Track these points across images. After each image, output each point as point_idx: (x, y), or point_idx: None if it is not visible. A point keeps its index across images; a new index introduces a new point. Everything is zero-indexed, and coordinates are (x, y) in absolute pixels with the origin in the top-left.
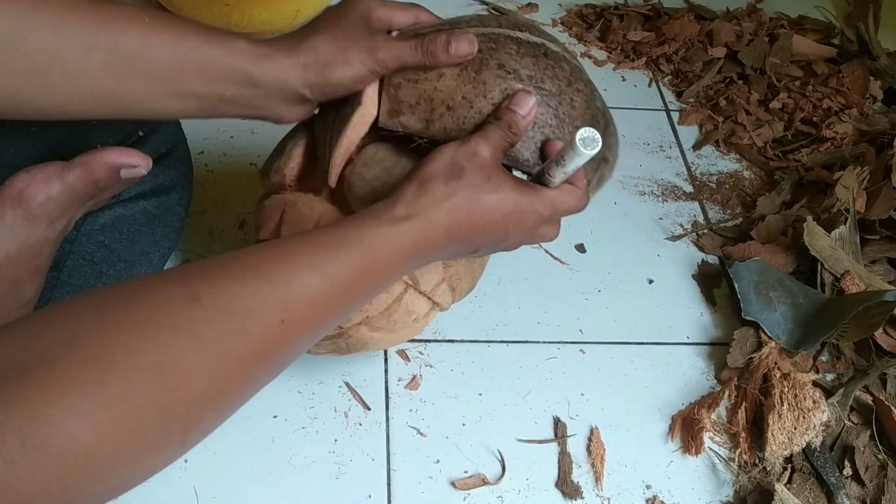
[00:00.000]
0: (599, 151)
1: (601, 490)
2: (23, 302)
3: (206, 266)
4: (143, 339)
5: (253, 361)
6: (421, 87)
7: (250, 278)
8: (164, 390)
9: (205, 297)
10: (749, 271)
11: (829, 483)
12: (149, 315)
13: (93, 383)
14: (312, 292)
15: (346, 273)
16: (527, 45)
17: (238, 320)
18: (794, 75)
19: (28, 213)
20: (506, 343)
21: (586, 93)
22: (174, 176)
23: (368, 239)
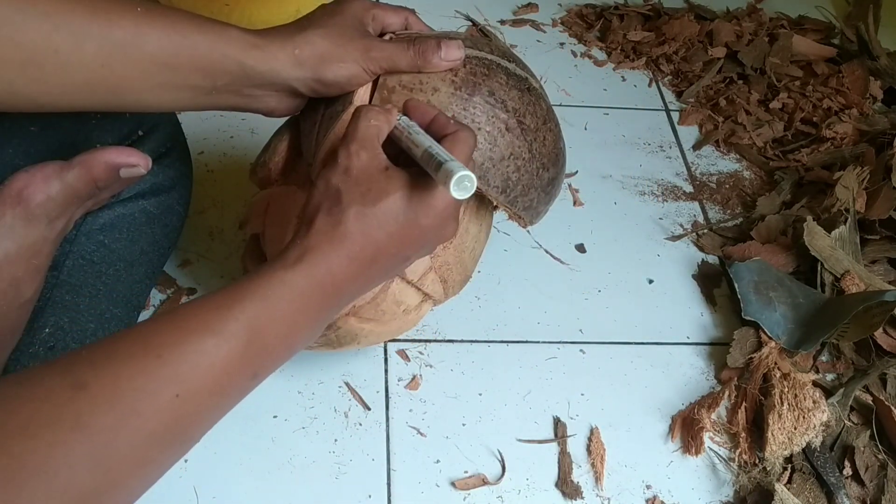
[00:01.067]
0: (553, 186)
1: (601, 490)
2: (22, 301)
3: (93, 349)
4: (28, 440)
5: (149, 443)
6: (414, 97)
7: (138, 356)
8: (48, 494)
9: (90, 384)
10: (749, 271)
11: (829, 483)
12: (32, 413)
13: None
14: (208, 358)
15: (243, 330)
16: (514, 78)
17: (127, 403)
18: (794, 75)
19: (27, 212)
20: (506, 343)
21: (555, 132)
22: (174, 175)
23: (262, 289)
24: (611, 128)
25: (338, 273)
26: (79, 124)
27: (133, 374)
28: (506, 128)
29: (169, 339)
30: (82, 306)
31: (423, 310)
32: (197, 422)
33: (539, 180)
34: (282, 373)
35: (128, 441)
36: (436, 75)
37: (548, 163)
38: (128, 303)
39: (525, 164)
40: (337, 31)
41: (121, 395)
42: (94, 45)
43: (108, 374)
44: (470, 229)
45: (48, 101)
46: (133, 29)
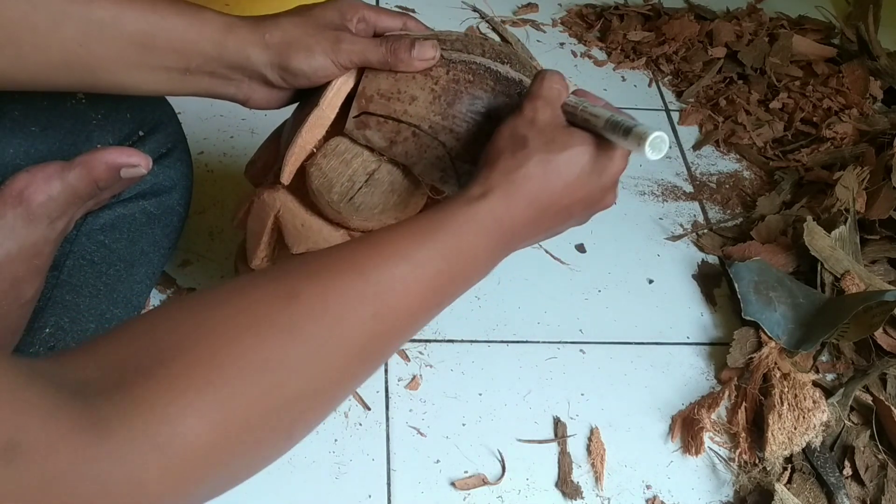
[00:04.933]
0: None
1: (601, 490)
2: (23, 301)
3: (304, 262)
4: (247, 337)
5: (350, 355)
6: (392, 105)
7: (346, 272)
8: (269, 387)
9: (302, 294)
10: (749, 271)
11: (829, 483)
12: (251, 314)
13: (204, 383)
14: (403, 282)
15: (433, 259)
16: (504, 83)
17: (334, 315)
18: (794, 75)
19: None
20: (506, 343)
21: None
22: (174, 176)
23: (450, 221)
24: None
25: (515, 213)
26: (80, 124)
27: (341, 288)
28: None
29: (370, 261)
30: (83, 306)
31: None
32: (388, 341)
33: None
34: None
35: (334, 350)
36: (415, 83)
37: None
38: (128, 303)
39: None
40: (311, 22)
41: (329, 306)
42: (72, 24)
43: (319, 285)
44: None
45: (25, 78)
46: (112, 9)
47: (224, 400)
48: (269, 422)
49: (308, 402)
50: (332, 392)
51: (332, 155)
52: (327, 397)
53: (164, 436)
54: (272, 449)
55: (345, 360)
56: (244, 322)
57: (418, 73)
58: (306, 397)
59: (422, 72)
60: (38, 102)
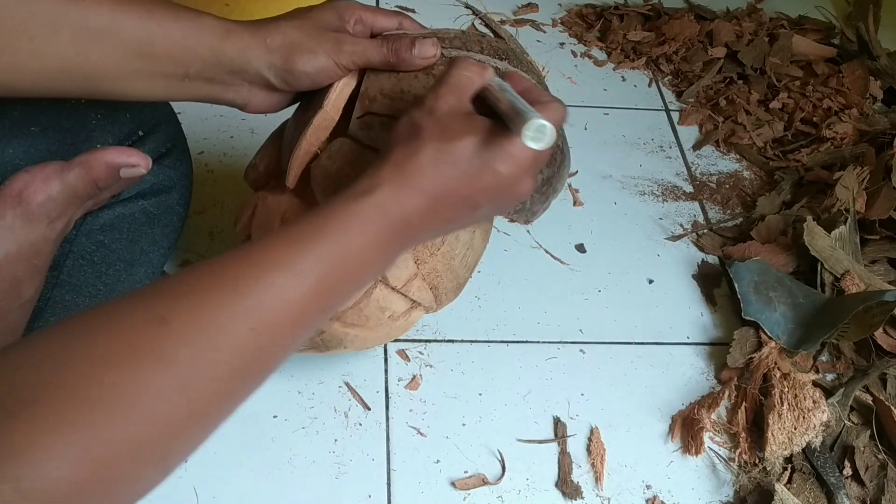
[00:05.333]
0: (550, 186)
1: (601, 490)
2: (22, 301)
3: (172, 283)
4: (113, 370)
5: (227, 377)
6: (395, 105)
7: (215, 290)
8: (137, 421)
9: (170, 318)
10: (749, 271)
11: (829, 483)
12: (115, 344)
13: (68, 422)
14: (282, 293)
15: (316, 265)
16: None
17: (206, 337)
18: (794, 75)
19: (28, 212)
20: (506, 343)
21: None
22: (174, 176)
23: (334, 221)
24: (611, 128)
25: (408, 206)
26: (79, 124)
27: (211, 308)
28: None
29: (244, 273)
30: (82, 306)
31: (412, 316)
32: (273, 354)
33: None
34: (282, 373)
35: (207, 373)
36: (417, 82)
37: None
38: None
39: None
40: (311, 24)
41: (200, 329)
42: (69, 32)
43: (187, 308)
44: (460, 237)
45: (23, 86)
46: (109, 16)
47: (89, 438)
48: (141, 455)
49: (180, 431)
50: (208, 416)
51: (337, 156)
52: (204, 422)
53: (28, 480)
54: (147, 482)
55: (222, 382)
56: (110, 353)
57: (420, 72)
58: (178, 426)
59: (423, 70)
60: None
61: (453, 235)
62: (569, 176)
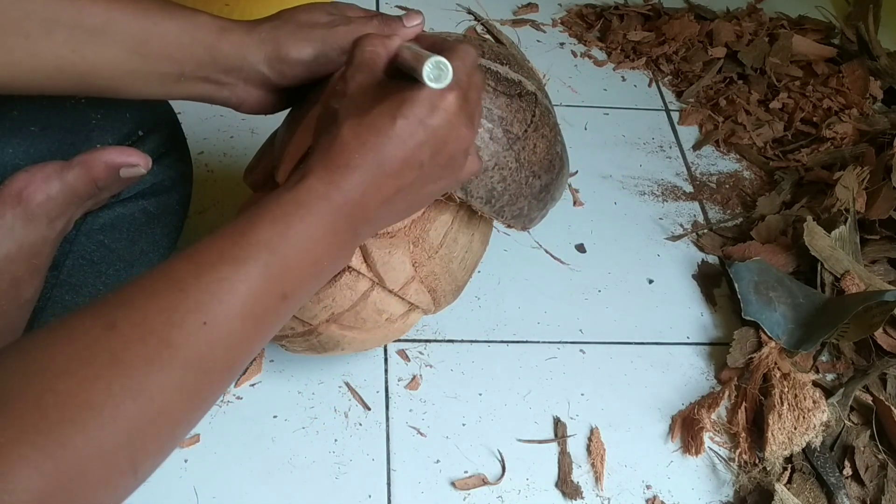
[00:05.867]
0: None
1: (601, 490)
2: (22, 301)
3: (119, 291)
4: (69, 379)
5: (187, 371)
6: None
7: (161, 291)
8: (98, 427)
9: (120, 322)
10: (749, 271)
11: (829, 483)
12: (69, 354)
13: (32, 433)
14: (228, 284)
15: (258, 253)
16: (504, 83)
17: (156, 335)
18: (794, 75)
19: (27, 212)
20: (506, 343)
21: (549, 138)
22: (174, 176)
23: (271, 212)
24: (611, 128)
25: (344, 186)
26: (79, 124)
27: (159, 308)
28: (490, 137)
29: (188, 272)
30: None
31: (411, 318)
32: (234, 346)
33: (529, 188)
34: (282, 373)
35: (164, 371)
36: None
37: (539, 170)
38: None
39: (512, 173)
40: (304, 16)
41: (149, 328)
42: (64, 31)
43: (135, 311)
44: (459, 239)
45: (19, 85)
46: (104, 16)
47: (53, 448)
48: (109, 461)
49: (149, 432)
50: (175, 415)
51: None
52: (171, 422)
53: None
54: (119, 489)
55: (182, 378)
56: (66, 363)
57: None
58: (145, 427)
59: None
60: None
61: (451, 238)
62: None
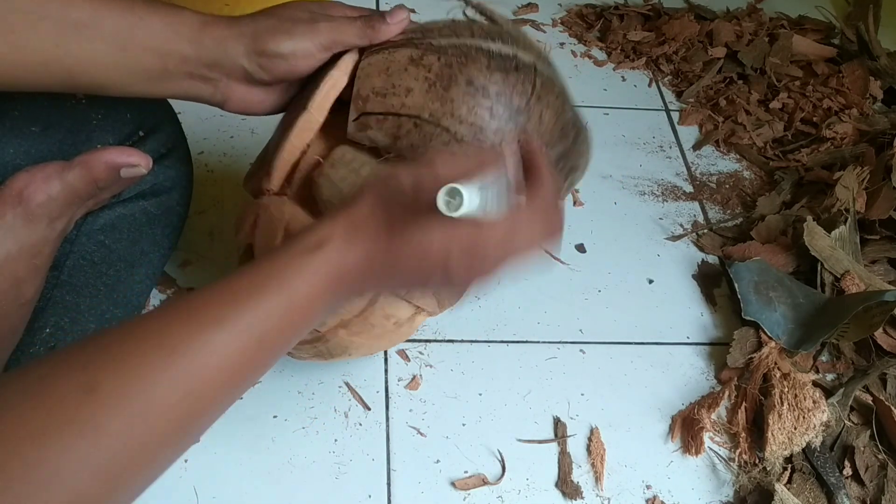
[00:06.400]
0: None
1: (601, 490)
2: (23, 301)
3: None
4: (39, 446)
5: (157, 444)
6: (389, 101)
7: (149, 354)
8: (58, 498)
9: (102, 385)
10: (749, 271)
11: (829, 483)
12: (43, 418)
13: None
14: (220, 352)
15: (258, 321)
16: (498, 59)
17: (137, 405)
18: (794, 75)
19: (28, 212)
20: (506, 343)
21: (556, 105)
22: (174, 176)
23: (279, 277)
24: (611, 128)
25: (354, 261)
26: (80, 124)
27: (142, 373)
28: (490, 115)
29: (180, 334)
30: (83, 306)
31: (416, 321)
32: (205, 417)
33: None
34: (282, 373)
35: (136, 444)
36: (407, 75)
37: (551, 139)
38: (128, 303)
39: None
40: (286, 12)
41: (130, 397)
42: (49, 24)
43: (119, 374)
44: None
45: (3, 80)
46: (90, 11)
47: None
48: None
49: (119, 496)
50: (136, 483)
51: (340, 164)
52: (129, 490)
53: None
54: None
55: (150, 451)
56: (39, 427)
57: (410, 65)
58: (102, 497)
59: (413, 62)
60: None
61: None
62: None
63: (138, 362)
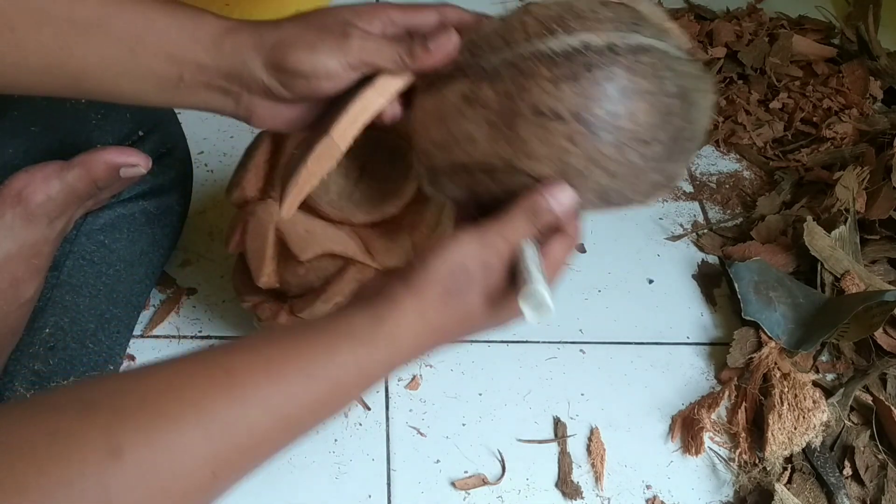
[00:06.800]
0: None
1: (601, 490)
2: (22, 301)
3: (133, 399)
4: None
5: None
6: (453, 154)
7: (181, 420)
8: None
9: (126, 451)
10: (749, 271)
11: (829, 483)
12: (62, 475)
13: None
14: (251, 431)
15: (298, 400)
16: (563, 62)
17: (160, 479)
18: (794, 75)
19: (27, 212)
20: (506, 343)
21: (652, 97)
22: (174, 176)
23: (337, 352)
24: None
25: (403, 357)
26: (79, 124)
27: (172, 444)
28: (570, 140)
29: (215, 403)
30: (82, 306)
31: None
32: (228, 484)
33: (649, 160)
34: None
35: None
36: (465, 119)
37: (649, 137)
38: (128, 303)
39: (615, 164)
40: (316, 21)
41: (156, 469)
42: (53, 24)
43: (146, 441)
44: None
45: (5, 81)
46: (98, 10)
47: None
48: None
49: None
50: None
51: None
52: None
53: None
54: None
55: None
56: (53, 486)
57: (464, 106)
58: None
59: (467, 101)
60: (39, 103)
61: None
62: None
63: (167, 429)
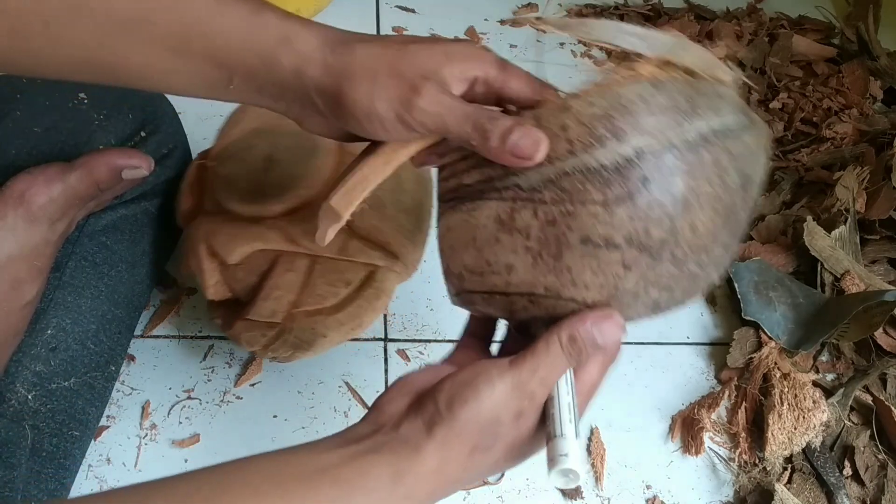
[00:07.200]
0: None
1: (601, 490)
2: (24, 303)
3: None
4: None
5: None
6: (489, 280)
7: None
8: None
9: None
10: (749, 271)
11: (829, 483)
12: None
13: None
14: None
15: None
16: (615, 179)
17: None
18: (794, 75)
19: (29, 213)
20: None
21: (716, 196)
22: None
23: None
24: None
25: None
26: (81, 126)
27: None
28: (624, 267)
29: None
30: (84, 307)
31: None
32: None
33: (707, 267)
34: (282, 373)
35: None
36: (501, 248)
37: (710, 242)
38: (129, 304)
39: (672, 278)
40: (395, 58)
41: None
42: (91, 22)
43: None
44: (379, 182)
45: (47, 72)
46: (140, 4)
47: None
48: None
49: None
50: None
51: (227, 160)
52: None
53: None
54: None
55: None
56: None
57: (500, 232)
58: None
59: (503, 227)
60: (41, 103)
61: (374, 185)
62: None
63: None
